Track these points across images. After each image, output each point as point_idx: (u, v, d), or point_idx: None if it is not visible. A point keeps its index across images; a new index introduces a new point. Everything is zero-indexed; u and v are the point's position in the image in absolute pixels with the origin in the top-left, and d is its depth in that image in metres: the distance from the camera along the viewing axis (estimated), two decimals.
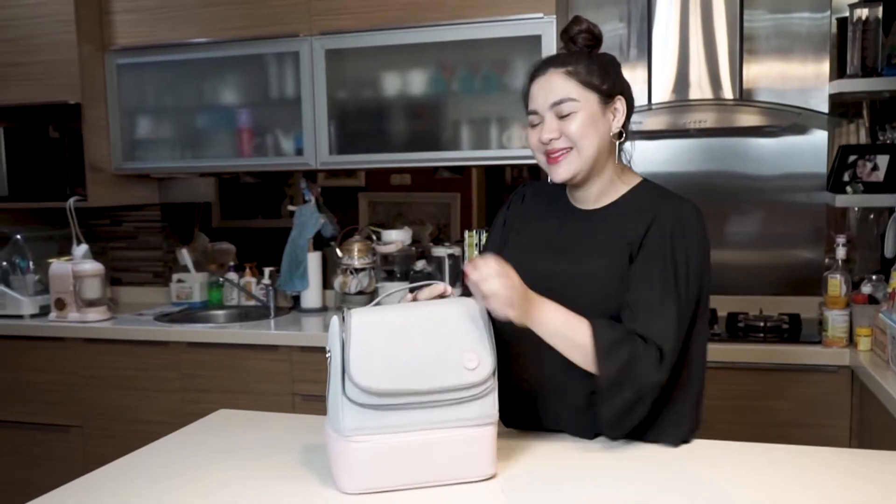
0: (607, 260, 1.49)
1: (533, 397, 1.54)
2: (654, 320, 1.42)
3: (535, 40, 2.84)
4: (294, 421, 1.67)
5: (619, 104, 1.54)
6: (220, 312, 3.43)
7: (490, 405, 1.29)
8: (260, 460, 1.44)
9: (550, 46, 2.82)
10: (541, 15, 2.83)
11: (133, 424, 3.04)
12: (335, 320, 1.29)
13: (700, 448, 1.47)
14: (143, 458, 1.49)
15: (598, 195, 1.57)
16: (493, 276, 1.31)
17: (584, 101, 1.49)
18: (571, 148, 1.50)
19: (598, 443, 1.49)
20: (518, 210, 1.69)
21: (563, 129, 1.49)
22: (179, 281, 3.52)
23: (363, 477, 1.27)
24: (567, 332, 1.40)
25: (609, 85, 1.52)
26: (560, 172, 1.51)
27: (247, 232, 4.33)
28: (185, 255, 3.54)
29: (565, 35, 1.56)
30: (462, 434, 1.28)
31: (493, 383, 1.29)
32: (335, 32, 3.04)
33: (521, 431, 1.54)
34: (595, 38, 1.55)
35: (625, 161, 1.59)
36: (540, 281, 1.46)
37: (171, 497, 1.29)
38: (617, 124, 1.53)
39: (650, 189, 1.57)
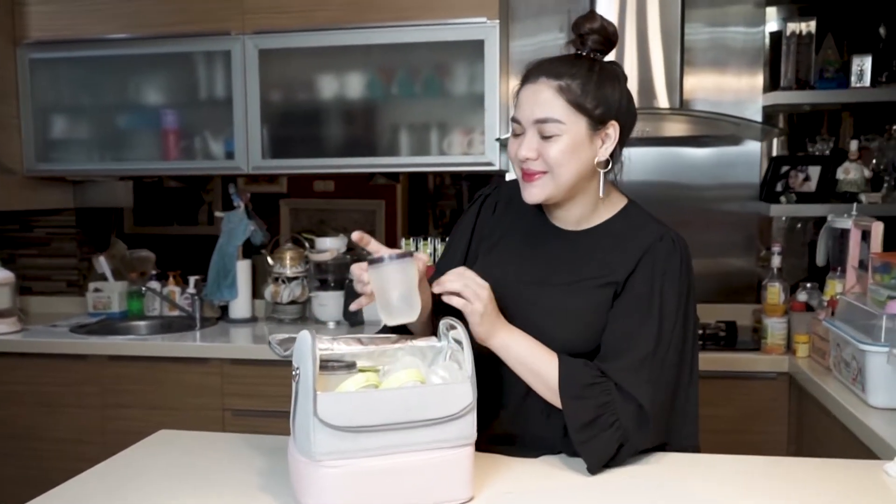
0: (591, 297, 1.41)
1: (512, 418, 1.47)
2: (635, 375, 1.35)
3: (478, 45, 2.80)
4: (243, 441, 1.56)
5: (612, 130, 1.39)
6: (142, 323, 3.25)
7: (469, 425, 1.23)
8: (213, 485, 1.33)
9: (493, 52, 2.79)
10: (484, 19, 2.79)
11: (51, 443, 2.84)
12: (307, 335, 1.20)
13: (676, 461, 1.44)
14: (82, 485, 1.35)
15: (579, 219, 1.47)
16: (473, 286, 1.30)
17: (570, 124, 1.36)
18: (546, 172, 1.39)
19: (577, 461, 1.44)
20: (490, 221, 1.57)
21: (542, 151, 1.37)
22: (96, 290, 3.32)
23: (334, 502, 1.18)
24: (533, 365, 1.37)
25: (603, 109, 1.37)
26: (532, 194, 1.41)
27: (161, 238, 4.15)
28: (102, 263, 3.34)
29: (575, 30, 1.41)
30: (439, 456, 1.21)
31: (473, 404, 1.23)
32: (270, 31, 2.93)
33: (499, 453, 1.46)
34: (607, 42, 1.40)
35: (610, 180, 1.46)
36: (519, 309, 1.41)
37: None
38: (605, 152, 1.40)
39: (636, 215, 1.48)
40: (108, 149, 3.17)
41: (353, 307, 1.40)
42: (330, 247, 3.17)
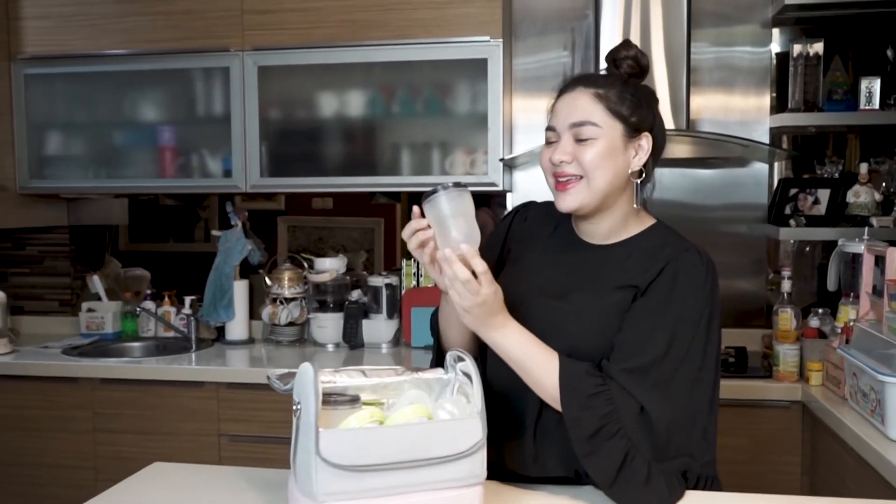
0: (608, 298, 1.38)
1: (522, 441, 1.42)
2: (640, 378, 1.31)
3: (481, 64, 2.75)
4: (241, 475, 1.49)
5: (645, 141, 1.41)
6: (136, 345, 3.18)
7: (479, 464, 1.17)
8: None
9: (497, 70, 2.74)
10: (487, 38, 2.74)
11: (39, 469, 2.76)
12: (308, 368, 1.14)
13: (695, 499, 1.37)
14: None
15: (608, 233, 1.45)
16: (457, 281, 1.25)
17: (606, 128, 1.37)
18: (582, 177, 1.38)
19: (588, 491, 1.37)
20: (518, 234, 1.57)
21: (577, 155, 1.37)
22: (90, 310, 3.25)
23: None
24: (529, 369, 1.32)
25: (638, 118, 1.39)
26: (566, 202, 1.40)
27: (157, 256, 4.07)
28: (96, 282, 3.27)
29: (610, 57, 1.46)
30: (448, 496, 1.15)
31: (482, 441, 1.16)
32: (269, 48, 2.88)
33: (508, 485, 1.40)
34: (640, 68, 1.44)
35: (640, 201, 1.45)
36: (536, 315, 1.38)
37: None
38: (638, 162, 1.41)
39: (663, 232, 1.46)
40: (103, 166, 3.11)
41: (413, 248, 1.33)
42: (329, 267, 3.10)
